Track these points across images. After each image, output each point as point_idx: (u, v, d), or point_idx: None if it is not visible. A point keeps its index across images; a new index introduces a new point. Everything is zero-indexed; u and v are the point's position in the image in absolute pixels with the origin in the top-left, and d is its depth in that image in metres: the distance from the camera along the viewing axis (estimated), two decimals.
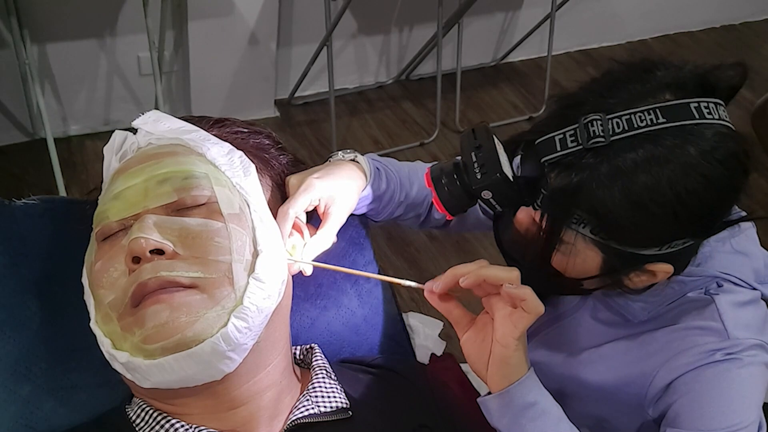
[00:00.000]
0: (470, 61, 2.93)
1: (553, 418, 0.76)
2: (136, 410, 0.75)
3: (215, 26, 2.25)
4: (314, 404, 0.77)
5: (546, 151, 0.73)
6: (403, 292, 2.07)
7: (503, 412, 0.75)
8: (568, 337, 0.96)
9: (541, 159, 0.74)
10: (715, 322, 0.82)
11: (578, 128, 0.71)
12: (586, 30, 3.11)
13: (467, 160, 0.77)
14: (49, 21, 2.10)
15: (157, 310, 0.67)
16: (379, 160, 0.96)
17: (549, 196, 0.74)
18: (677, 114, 0.70)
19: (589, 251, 0.76)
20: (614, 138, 0.70)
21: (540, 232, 0.77)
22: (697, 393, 0.80)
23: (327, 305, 0.95)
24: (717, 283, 0.84)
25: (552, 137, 0.73)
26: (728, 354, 0.80)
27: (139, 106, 2.39)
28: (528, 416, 0.74)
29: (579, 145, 0.71)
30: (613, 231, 0.73)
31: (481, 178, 0.76)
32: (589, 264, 0.78)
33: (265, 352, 0.75)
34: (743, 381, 0.80)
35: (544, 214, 0.76)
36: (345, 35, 2.61)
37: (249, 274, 0.72)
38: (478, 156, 0.77)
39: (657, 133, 0.69)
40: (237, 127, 0.85)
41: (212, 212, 0.73)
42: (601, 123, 0.70)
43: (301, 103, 2.67)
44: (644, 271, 0.78)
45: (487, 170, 0.75)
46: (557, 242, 0.77)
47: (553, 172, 0.74)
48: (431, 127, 2.64)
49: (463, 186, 0.79)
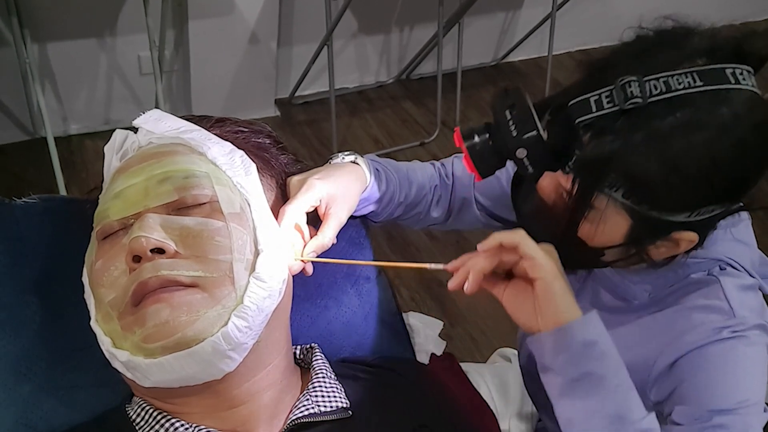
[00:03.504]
0: (471, 61, 2.93)
1: (613, 362, 0.72)
2: (136, 409, 0.75)
3: (216, 25, 2.25)
4: (314, 404, 0.77)
5: (580, 112, 0.72)
6: (403, 292, 2.07)
7: (559, 349, 0.71)
8: None
9: (576, 120, 0.72)
10: (721, 301, 0.82)
11: (614, 89, 0.71)
12: (586, 30, 3.11)
13: (500, 118, 0.75)
14: (50, 20, 2.11)
15: (157, 309, 0.67)
16: (378, 161, 0.96)
17: (582, 158, 0.73)
18: (713, 78, 0.70)
19: (618, 217, 0.76)
20: (651, 100, 0.69)
21: (568, 198, 0.76)
22: (704, 370, 0.80)
23: (327, 305, 0.95)
24: (719, 266, 0.85)
25: (587, 99, 0.72)
26: (735, 332, 0.80)
27: (139, 106, 2.39)
28: (587, 355, 0.71)
29: (615, 106, 0.71)
30: (646, 194, 0.73)
31: (516, 136, 0.74)
32: (616, 232, 0.77)
33: (266, 351, 0.75)
34: (750, 358, 0.80)
35: (576, 178, 0.75)
36: (345, 35, 2.61)
37: (250, 274, 0.72)
38: (512, 114, 0.75)
39: (693, 96, 0.69)
40: (238, 126, 0.85)
41: (213, 211, 0.73)
42: (638, 84, 0.70)
43: (302, 102, 2.67)
44: (669, 240, 0.78)
45: (523, 127, 0.74)
46: (587, 208, 0.76)
47: (587, 134, 0.73)
48: (432, 127, 2.64)
49: (495, 144, 0.77)
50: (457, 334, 1.99)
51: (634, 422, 0.70)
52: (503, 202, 1.06)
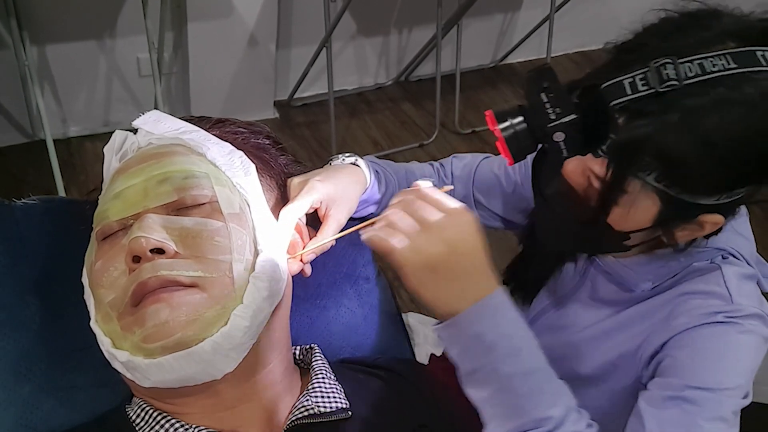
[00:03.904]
0: (469, 63, 2.94)
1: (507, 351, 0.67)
2: (136, 410, 0.75)
3: (215, 28, 2.25)
4: (314, 404, 0.77)
5: (614, 95, 0.71)
6: (402, 292, 2.07)
7: (451, 341, 0.69)
8: (569, 320, 0.96)
9: (610, 103, 0.71)
10: (720, 287, 0.82)
11: (649, 72, 0.70)
12: (585, 31, 3.12)
13: (535, 100, 0.74)
14: (49, 22, 2.11)
15: (157, 309, 0.67)
16: (377, 162, 0.96)
17: (618, 141, 0.72)
18: (746, 60, 0.70)
19: (648, 201, 0.75)
20: (687, 82, 0.69)
21: (599, 182, 0.76)
22: (691, 349, 0.80)
23: (327, 305, 0.95)
24: (722, 255, 0.85)
25: (620, 81, 0.71)
26: (730, 317, 0.80)
27: (138, 108, 2.39)
28: (476, 348, 0.68)
29: (651, 88, 0.70)
30: (679, 177, 0.73)
31: (555, 119, 0.72)
32: (644, 215, 0.77)
33: (265, 351, 0.75)
34: (740, 345, 0.80)
35: (610, 162, 0.74)
36: (344, 36, 2.61)
37: (249, 274, 0.72)
38: (549, 96, 0.73)
39: (727, 78, 0.69)
40: (237, 127, 0.85)
41: (213, 212, 0.73)
42: (674, 67, 0.69)
43: (301, 104, 2.67)
44: (693, 223, 0.78)
45: (562, 111, 0.72)
46: (620, 192, 0.75)
47: (622, 117, 0.72)
48: (430, 129, 2.65)
49: (531, 128, 0.75)
50: None
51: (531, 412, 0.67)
52: (503, 201, 1.07)
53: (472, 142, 2.63)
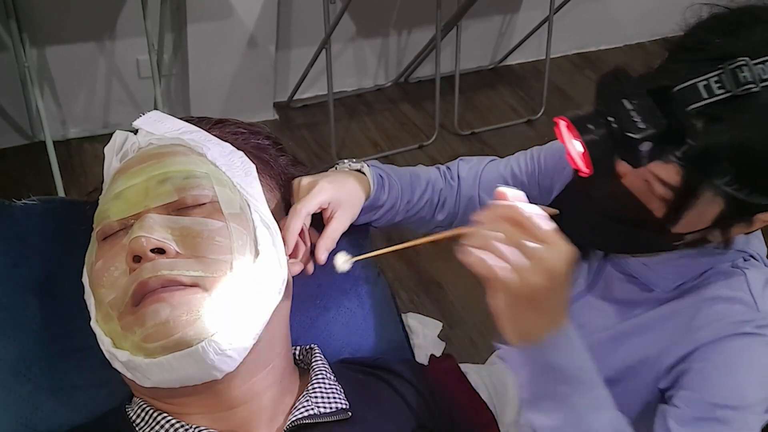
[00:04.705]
0: (469, 64, 2.94)
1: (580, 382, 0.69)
2: (136, 410, 0.75)
3: (214, 29, 2.25)
4: (314, 405, 0.77)
5: (690, 99, 0.69)
6: (402, 293, 2.07)
7: (524, 362, 0.70)
8: (582, 319, 0.94)
9: (687, 107, 0.69)
10: (744, 293, 0.82)
11: (723, 74, 0.68)
12: (584, 33, 3.12)
13: (619, 108, 0.71)
14: (49, 24, 2.11)
15: (157, 309, 0.67)
16: (382, 167, 0.97)
17: (696, 148, 0.69)
18: None
19: (713, 204, 0.74)
20: (763, 84, 0.68)
21: (665, 188, 0.74)
22: (717, 363, 0.79)
23: (327, 306, 0.95)
24: (743, 257, 0.85)
25: (694, 84, 0.69)
26: (759, 326, 0.79)
27: (138, 109, 2.39)
28: (550, 376, 0.69)
29: (727, 91, 0.68)
30: (753, 180, 0.71)
31: (645, 128, 0.69)
32: (705, 217, 0.76)
33: (266, 351, 0.75)
34: (765, 358, 0.79)
35: (685, 169, 0.71)
36: (344, 38, 2.61)
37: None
38: (633, 104, 0.70)
39: None
40: (237, 127, 0.85)
41: (213, 212, 0.73)
42: (749, 68, 0.68)
43: (300, 105, 2.68)
44: (746, 221, 0.77)
45: (649, 120, 0.70)
46: (694, 198, 0.73)
47: (699, 122, 0.69)
48: (430, 130, 2.65)
49: (614, 134, 0.71)
50: (456, 336, 1.99)
51: None
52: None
53: (471, 144, 2.63)
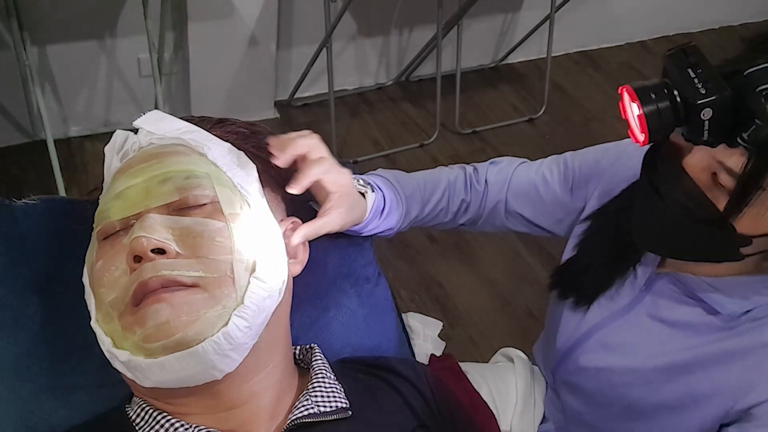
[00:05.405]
0: (470, 63, 2.94)
1: None
2: (136, 410, 0.75)
3: (215, 28, 2.25)
4: (314, 404, 0.77)
5: (761, 80, 0.68)
6: (402, 293, 2.07)
7: None
8: (626, 338, 0.92)
9: (757, 88, 0.68)
10: None
11: None
12: (585, 31, 3.12)
13: (682, 76, 0.70)
14: (50, 22, 2.11)
15: (158, 309, 0.67)
16: (391, 187, 0.96)
17: (764, 128, 0.67)
18: None
19: None
20: None
21: (730, 177, 0.72)
22: None
23: (327, 305, 0.95)
24: None
25: (766, 67, 0.68)
26: None
27: (139, 108, 2.39)
28: None
29: None
30: None
31: (706, 93, 0.69)
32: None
33: (266, 351, 0.75)
34: None
35: (751, 152, 0.69)
36: (345, 36, 2.61)
37: (250, 274, 0.72)
38: (697, 72, 0.70)
39: None
40: (238, 127, 0.85)
41: (214, 212, 0.73)
42: None
43: (301, 104, 2.68)
44: None
45: (713, 86, 0.69)
46: (758, 188, 0.70)
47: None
48: (431, 129, 2.65)
49: (676, 104, 0.71)
50: (456, 335, 1.99)
51: None
52: (534, 206, 1.06)
53: (472, 142, 2.63)
